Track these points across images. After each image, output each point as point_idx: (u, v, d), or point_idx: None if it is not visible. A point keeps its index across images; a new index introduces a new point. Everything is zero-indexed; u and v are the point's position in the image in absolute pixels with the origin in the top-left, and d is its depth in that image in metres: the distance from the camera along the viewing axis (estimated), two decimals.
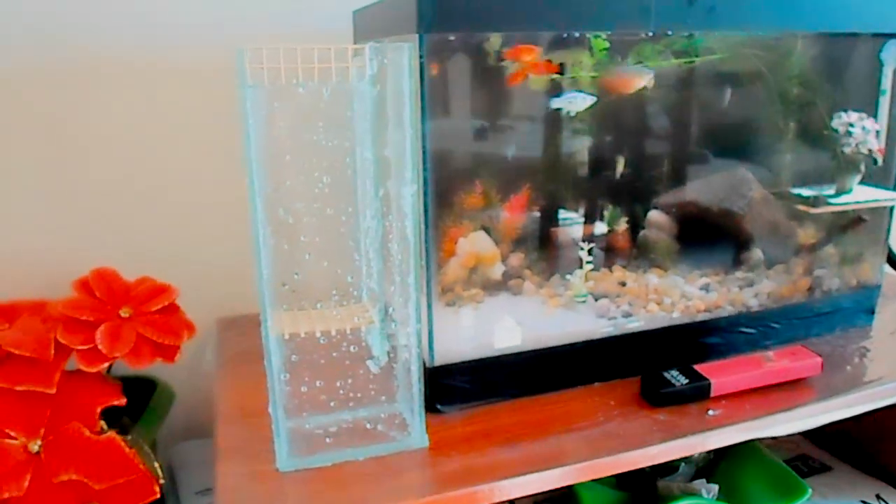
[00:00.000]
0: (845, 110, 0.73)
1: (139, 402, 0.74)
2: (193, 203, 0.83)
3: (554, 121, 0.66)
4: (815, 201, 0.76)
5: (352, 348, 0.53)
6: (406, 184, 0.49)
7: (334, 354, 0.53)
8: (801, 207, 0.76)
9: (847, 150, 0.75)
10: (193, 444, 0.83)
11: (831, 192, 0.76)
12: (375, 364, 0.54)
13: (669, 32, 0.62)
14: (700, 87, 0.70)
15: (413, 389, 0.54)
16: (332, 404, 0.54)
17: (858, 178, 0.76)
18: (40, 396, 0.62)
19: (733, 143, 0.73)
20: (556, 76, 0.62)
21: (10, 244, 0.79)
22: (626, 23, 0.59)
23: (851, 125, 0.74)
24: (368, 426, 0.55)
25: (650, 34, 0.62)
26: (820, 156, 0.75)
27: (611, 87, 0.63)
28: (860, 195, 0.76)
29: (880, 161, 0.75)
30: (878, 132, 0.74)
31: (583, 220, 0.69)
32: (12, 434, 0.61)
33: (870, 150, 0.75)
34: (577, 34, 0.60)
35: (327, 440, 0.54)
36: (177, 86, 0.79)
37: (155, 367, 0.69)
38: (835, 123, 0.74)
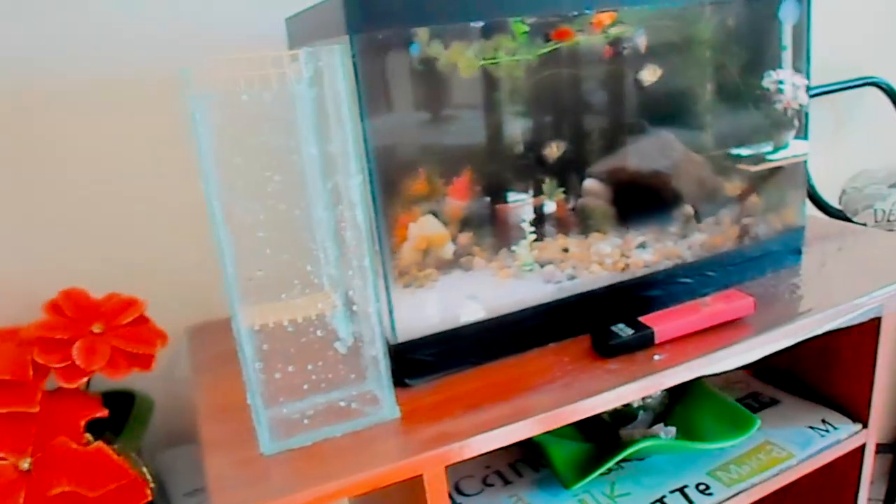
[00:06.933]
0: (774, 69, 0.78)
1: (120, 416, 0.76)
2: (154, 217, 0.85)
3: (488, 106, 0.70)
4: (755, 159, 0.81)
5: (318, 333, 0.57)
6: (351, 175, 0.53)
7: (303, 340, 0.57)
8: (742, 167, 0.81)
9: (779, 106, 0.80)
10: (177, 451, 0.85)
11: (769, 148, 0.81)
12: (343, 345, 0.57)
13: (586, 11, 0.67)
14: (624, 61, 0.74)
15: (379, 365, 0.58)
16: (305, 387, 0.58)
17: (794, 132, 0.81)
18: (24, 416, 0.65)
19: (662, 113, 0.78)
20: (484, 61, 0.66)
21: None
22: (545, 5, 0.64)
23: (781, 82, 0.79)
24: (342, 405, 0.59)
25: (567, 15, 0.67)
26: (752, 115, 0.80)
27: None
28: (796, 149, 0.82)
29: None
30: (807, 87, 0.79)
31: (524, 195, 0.73)
32: (1, 455, 0.63)
33: (800, 105, 0.80)
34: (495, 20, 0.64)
35: (305, 421, 0.58)
36: (126, 103, 0.81)
37: (131, 380, 0.72)
38: (765, 82, 0.79)
